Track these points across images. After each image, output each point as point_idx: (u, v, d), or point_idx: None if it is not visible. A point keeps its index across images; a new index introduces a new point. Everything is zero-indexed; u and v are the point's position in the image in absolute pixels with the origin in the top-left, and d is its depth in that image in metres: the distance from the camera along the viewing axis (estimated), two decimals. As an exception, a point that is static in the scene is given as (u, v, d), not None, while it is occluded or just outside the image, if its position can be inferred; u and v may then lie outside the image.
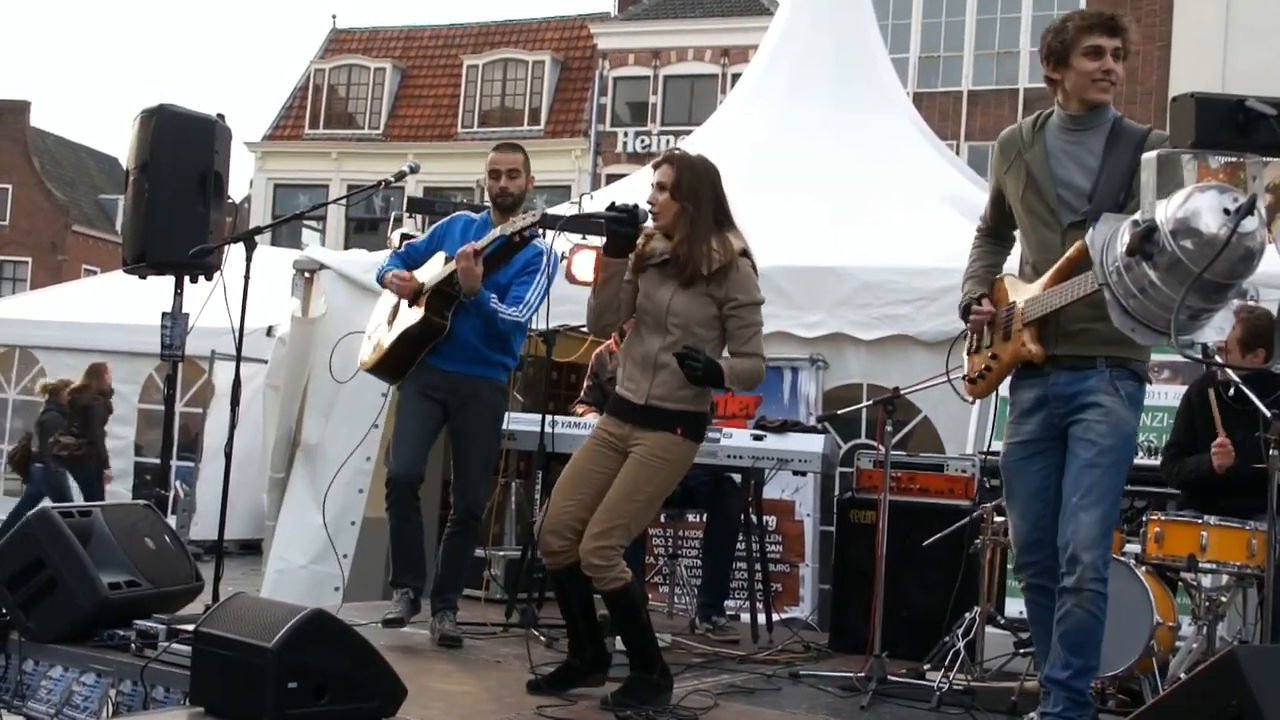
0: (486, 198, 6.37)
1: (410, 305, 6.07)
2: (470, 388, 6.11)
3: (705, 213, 4.93)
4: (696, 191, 4.94)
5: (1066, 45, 4.50)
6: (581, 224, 5.57)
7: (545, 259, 6.08)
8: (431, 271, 6.07)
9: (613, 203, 5.00)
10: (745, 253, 4.95)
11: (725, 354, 4.99)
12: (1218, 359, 6.00)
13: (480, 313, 5.94)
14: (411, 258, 6.28)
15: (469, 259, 5.77)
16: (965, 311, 4.78)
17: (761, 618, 6.90)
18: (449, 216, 6.47)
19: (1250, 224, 3.56)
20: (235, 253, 6.15)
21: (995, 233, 4.91)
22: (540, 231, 5.91)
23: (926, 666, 5.87)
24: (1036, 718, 4.53)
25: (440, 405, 6.14)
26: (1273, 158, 3.31)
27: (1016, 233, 4.81)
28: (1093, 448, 4.40)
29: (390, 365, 6.19)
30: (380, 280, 6.26)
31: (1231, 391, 5.93)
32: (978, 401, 6.76)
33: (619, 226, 4.91)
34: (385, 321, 6.25)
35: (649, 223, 5.01)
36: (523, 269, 6.07)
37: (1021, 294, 4.57)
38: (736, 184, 9.25)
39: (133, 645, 5.13)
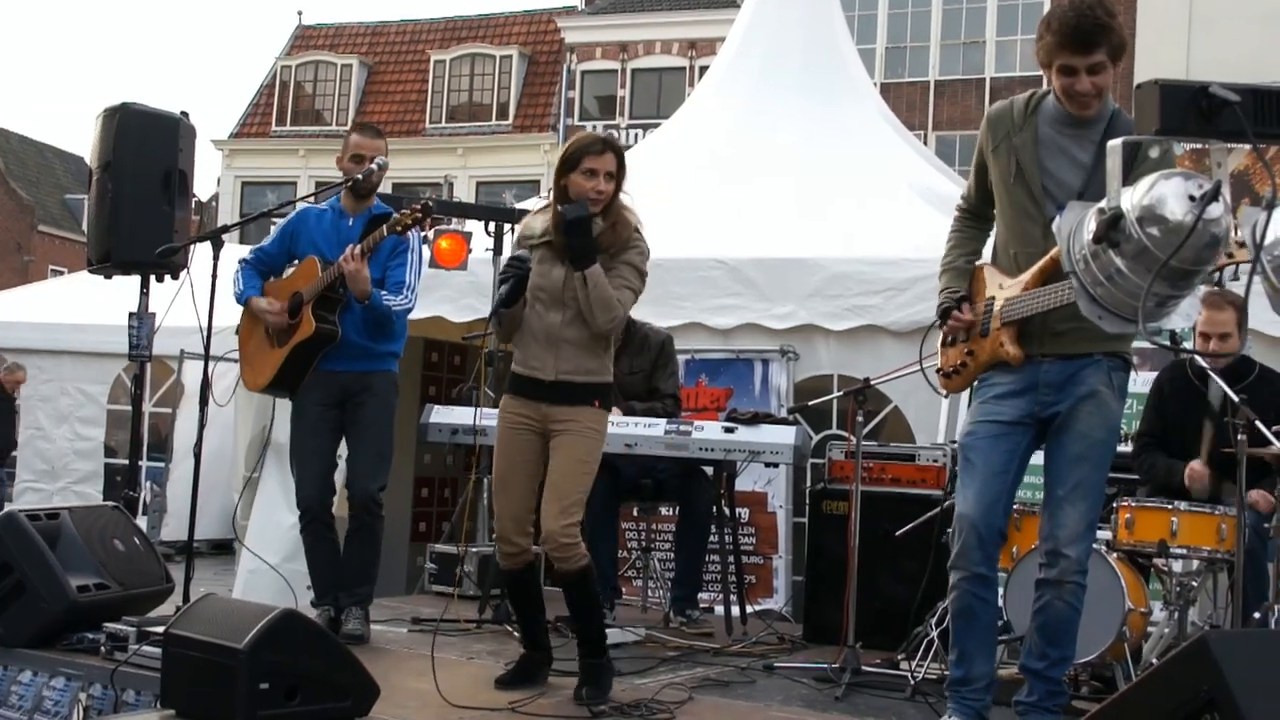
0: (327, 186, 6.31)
1: (292, 318, 6.00)
2: (363, 384, 6.06)
3: (620, 193, 5.02)
4: (623, 176, 5.01)
5: (1046, 56, 4.27)
6: (456, 209, 5.55)
7: (410, 239, 6.05)
8: (304, 278, 6.02)
9: (502, 271, 5.01)
10: (638, 229, 5.05)
11: None
12: (1186, 346, 6.01)
13: (374, 314, 5.90)
14: (264, 262, 6.23)
15: (356, 262, 5.74)
16: (944, 314, 4.64)
17: (735, 610, 6.90)
18: (294, 213, 6.37)
19: (1215, 210, 3.56)
20: (203, 251, 6.12)
21: (978, 212, 4.76)
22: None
23: (900, 656, 5.88)
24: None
25: (337, 409, 6.08)
26: (1236, 144, 3.30)
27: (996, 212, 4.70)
28: (1083, 440, 4.35)
29: (286, 379, 6.10)
30: (242, 302, 6.17)
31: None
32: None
33: (520, 282, 4.96)
34: (263, 337, 6.17)
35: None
36: (391, 253, 6.02)
37: (1000, 287, 4.50)
38: (705, 176, 9.38)
39: (102, 648, 5.10)
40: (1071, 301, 4.07)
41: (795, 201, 9.03)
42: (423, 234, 6.34)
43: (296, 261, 6.17)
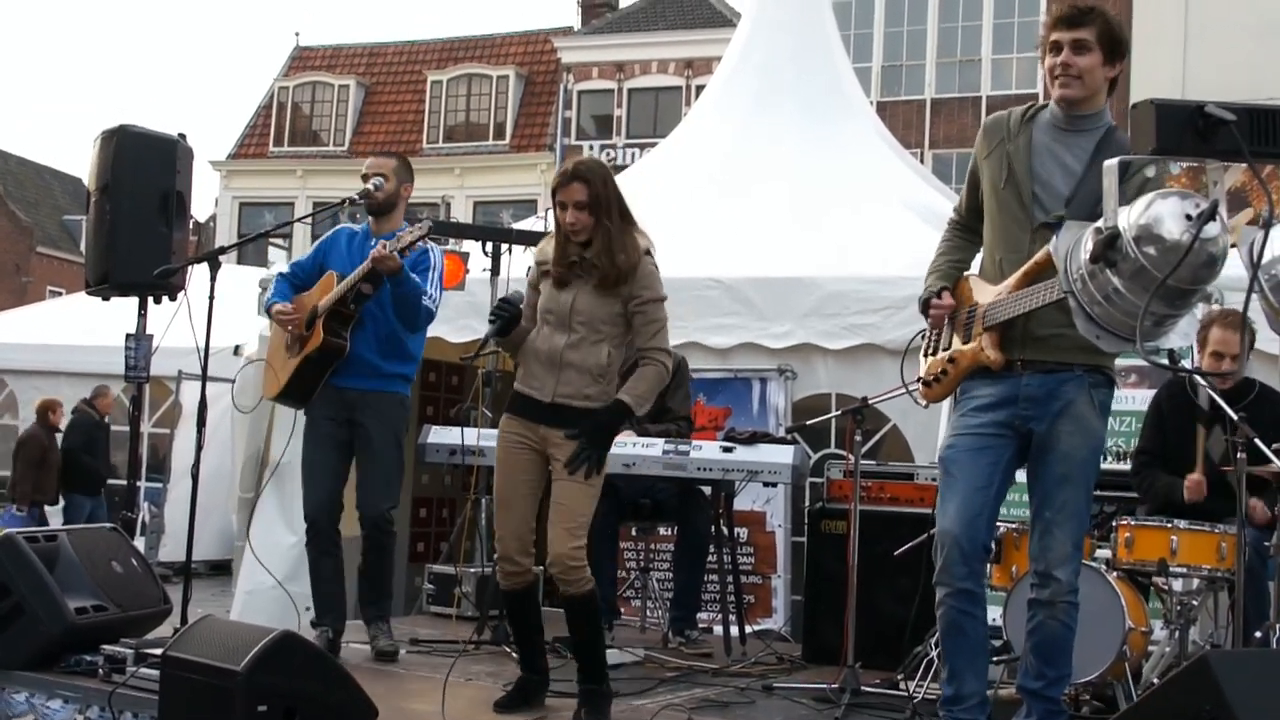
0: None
1: (307, 329, 6.05)
2: (370, 403, 6.10)
3: (615, 217, 4.94)
4: (608, 199, 4.94)
5: (1041, 44, 4.44)
6: (453, 229, 5.59)
7: (432, 255, 6.14)
8: (323, 293, 6.07)
9: (491, 312, 5.06)
10: (649, 251, 4.99)
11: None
12: (1185, 364, 6.01)
13: (405, 289, 5.89)
14: (299, 277, 6.28)
15: (385, 253, 5.76)
16: (925, 305, 4.67)
17: (734, 630, 6.88)
18: (331, 232, 6.46)
19: (1212, 229, 3.57)
20: (200, 272, 6.13)
21: (968, 225, 4.77)
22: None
23: (900, 676, 5.86)
24: None
25: (346, 425, 6.12)
26: (1232, 163, 3.31)
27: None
28: (1066, 461, 4.35)
29: (295, 391, 6.15)
30: (267, 311, 6.25)
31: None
32: (945, 410, 6.76)
33: (506, 324, 5.01)
34: (284, 348, 6.21)
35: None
36: (412, 268, 6.04)
37: (985, 296, 4.49)
38: (702, 195, 9.38)
39: (100, 670, 5.08)
40: (1053, 301, 4.08)
41: (792, 220, 9.04)
42: (442, 249, 6.42)
43: None
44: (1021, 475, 4.56)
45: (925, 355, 4.75)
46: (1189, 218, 3.59)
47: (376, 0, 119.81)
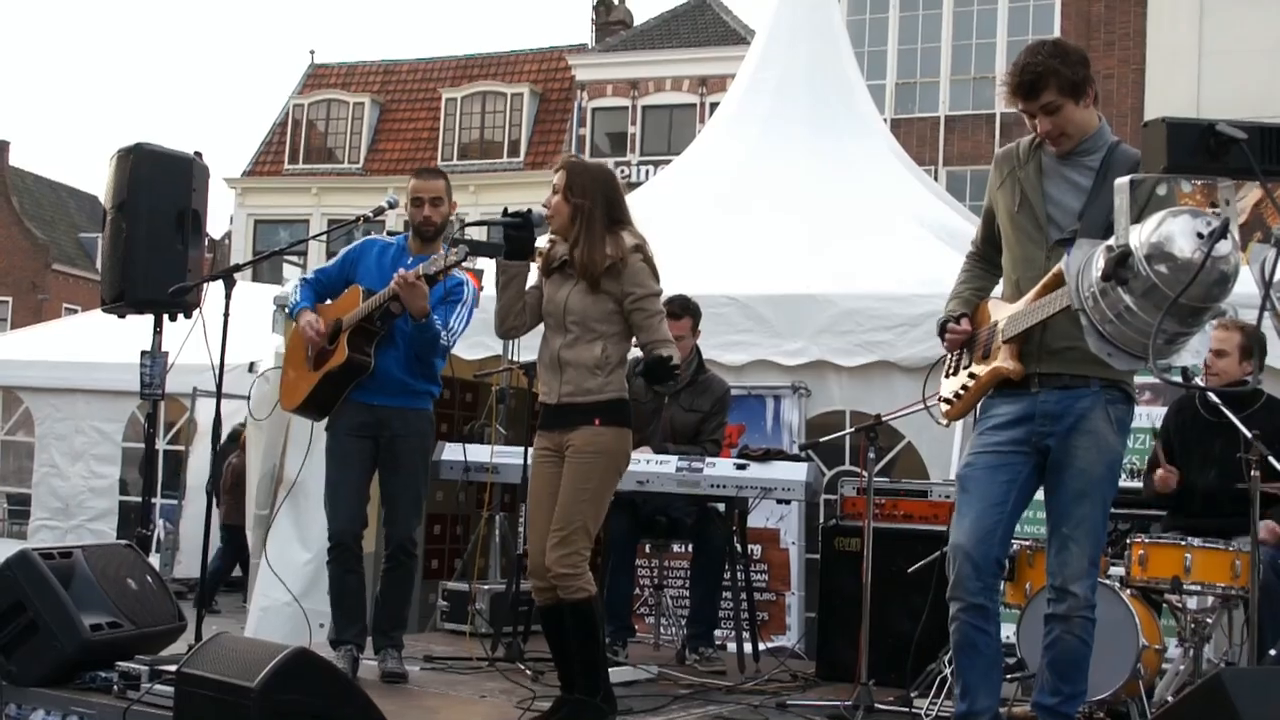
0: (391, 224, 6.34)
1: (330, 343, 6.02)
2: (399, 421, 6.07)
3: (598, 214, 4.98)
4: (588, 193, 4.99)
5: (1010, 103, 4.53)
6: (471, 247, 5.58)
7: (466, 289, 6.08)
8: (347, 307, 6.04)
9: (505, 209, 5.14)
10: (639, 248, 5.00)
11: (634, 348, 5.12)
12: (1198, 381, 6.02)
13: (426, 335, 5.87)
14: (323, 284, 6.24)
15: (413, 282, 5.66)
16: (942, 329, 4.72)
17: (748, 647, 6.88)
18: (359, 241, 6.41)
19: (1224, 247, 3.57)
20: (215, 290, 6.15)
21: (986, 256, 4.83)
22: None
23: (914, 694, 5.85)
24: None
25: (371, 441, 6.08)
26: (1244, 181, 3.32)
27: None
28: (1083, 477, 4.36)
29: (315, 405, 6.13)
30: (292, 315, 6.21)
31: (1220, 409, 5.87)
32: (959, 426, 6.77)
33: (515, 231, 5.06)
34: (304, 357, 6.18)
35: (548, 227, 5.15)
36: (443, 298, 6.02)
37: (1003, 313, 4.53)
38: (716, 212, 9.41)
39: (115, 687, 5.10)
40: (1063, 308, 4.10)
41: (806, 238, 9.03)
42: (479, 288, 6.37)
43: None
44: (1041, 494, 4.57)
45: (946, 376, 4.77)
46: (1200, 236, 3.60)
47: (391, 18, 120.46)
